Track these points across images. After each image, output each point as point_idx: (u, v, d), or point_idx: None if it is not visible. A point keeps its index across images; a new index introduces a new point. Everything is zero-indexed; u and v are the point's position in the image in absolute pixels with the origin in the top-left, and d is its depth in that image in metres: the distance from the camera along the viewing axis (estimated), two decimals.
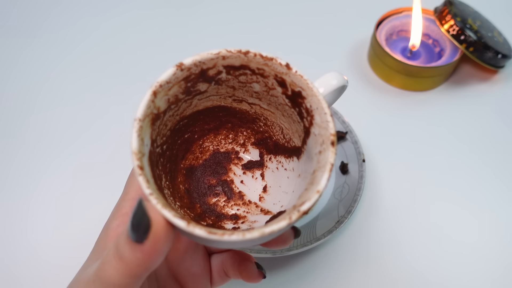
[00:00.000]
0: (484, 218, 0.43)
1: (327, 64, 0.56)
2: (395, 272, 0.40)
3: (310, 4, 0.63)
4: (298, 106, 0.24)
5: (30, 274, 0.39)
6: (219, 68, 0.23)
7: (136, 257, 0.19)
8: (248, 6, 0.62)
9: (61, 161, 0.46)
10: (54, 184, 0.45)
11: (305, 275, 0.40)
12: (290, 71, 0.23)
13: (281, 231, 0.19)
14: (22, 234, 0.41)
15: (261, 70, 0.24)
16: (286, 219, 0.19)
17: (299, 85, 0.23)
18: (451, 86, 0.54)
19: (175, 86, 0.23)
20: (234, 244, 0.20)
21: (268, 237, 0.19)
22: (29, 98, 0.51)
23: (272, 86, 0.24)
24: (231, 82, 0.25)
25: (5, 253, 0.40)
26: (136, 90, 0.52)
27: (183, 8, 0.62)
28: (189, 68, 0.23)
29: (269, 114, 0.27)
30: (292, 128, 0.26)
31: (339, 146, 0.46)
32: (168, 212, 0.19)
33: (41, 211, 0.43)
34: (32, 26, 0.59)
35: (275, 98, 0.25)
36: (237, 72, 0.24)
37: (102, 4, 0.62)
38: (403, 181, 0.46)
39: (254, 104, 0.26)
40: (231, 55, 0.23)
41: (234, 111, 0.27)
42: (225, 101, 0.26)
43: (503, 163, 0.47)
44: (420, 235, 0.42)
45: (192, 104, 0.25)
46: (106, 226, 0.24)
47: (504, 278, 0.40)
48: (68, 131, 0.49)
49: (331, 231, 0.39)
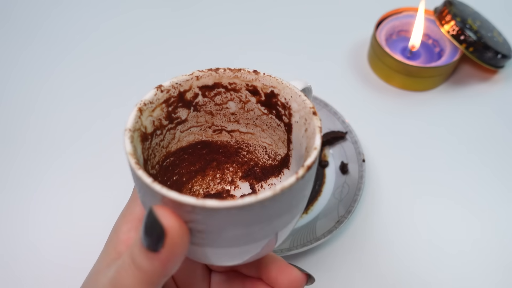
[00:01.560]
0: (484, 218, 0.43)
1: (327, 64, 0.56)
2: (395, 272, 0.40)
3: (310, 5, 0.63)
4: (273, 107, 0.26)
5: (31, 273, 0.39)
6: (195, 90, 0.25)
7: (154, 265, 0.19)
8: (248, 8, 0.63)
9: (62, 161, 0.46)
10: (55, 184, 0.45)
11: None
12: (258, 75, 0.25)
13: (292, 187, 0.19)
14: (23, 234, 0.41)
15: (232, 84, 0.26)
16: (294, 175, 0.19)
17: (270, 85, 0.25)
18: (451, 86, 0.54)
19: (157, 108, 0.24)
20: (248, 212, 0.19)
21: (281, 196, 0.19)
22: (29, 99, 0.51)
23: (246, 99, 0.26)
24: (208, 107, 0.27)
25: (6, 252, 0.40)
26: (136, 91, 0.52)
27: (182, 9, 0.62)
28: (168, 90, 0.24)
29: (250, 138, 0.28)
30: (274, 140, 0.27)
31: (339, 146, 0.46)
32: (175, 193, 0.18)
33: (43, 211, 0.43)
34: (33, 26, 0.59)
35: (252, 113, 0.27)
36: (212, 93, 0.26)
37: (103, 4, 0.62)
38: (403, 181, 0.46)
39: (233, 131, 0.28)
40: (203, 74, 0.25)
41: (216, 145, 0.29)
42: (206, 134, 0.28)
43: (502, 163, 0.47)
44: (420, 235, 0.42)
45: (176, 137, 0.27)
46: (115, 229, 0.24)
47: (504, 278, 0.40)
48: (69, 131, 0.49)
49: (331, 231, 0.39)
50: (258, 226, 0.20)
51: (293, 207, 0.21)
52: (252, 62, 0.56)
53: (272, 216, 0.20)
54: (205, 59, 0.56)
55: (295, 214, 0.22)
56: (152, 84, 0.25)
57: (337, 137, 0.46)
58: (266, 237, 0.21)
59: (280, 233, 0.22)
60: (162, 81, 0.25)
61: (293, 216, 0.22)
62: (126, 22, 0.60)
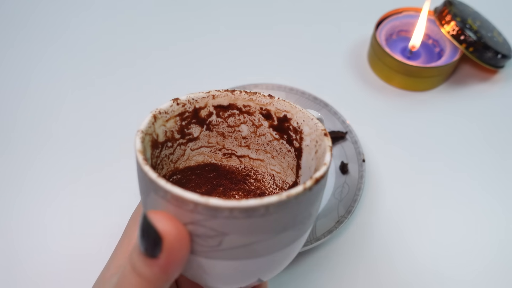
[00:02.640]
0: (485, 217, 0.43)
1: (327, 64, 0.56)
2: (395, 272, 0.40)
3: (310, 5, 0.63)
4: (285, 132, 0.26)
5: (31, 278, 0.39)
6: (210, 108, 0.26)
7: (154, 272, 0.18)
8: (250, 9, 0.63)
9: (69, 164, 0.46)
10: (60, 188, 0.45)
11: (305, 275, 0.40)
12: (273, 99, 0.26)
13: (298, 196, 0.19)
14: (31, 237, 0.41)
15: (247, 107, 0.26)
16: (302, 185, 0.19)
17: (283, 110, 0.25)
18: (451, 86, 0.54)
19: (171, 119, 0.25)
20: (251, 216, 0.18)
21: (287, 201, 0.19)
22: (29, 100, 0.51)
23: (259, 122, 0.27)
24: (221, 127, 0.27)
25: (6, 256, 0.40)
26: (145, 98, 0.52)
27: (189, 11, 0.62)
28: (184, 104, 0.25)
29: (259, 165, 0.28)
30: (283, 167, 0.28)
31: (339, 146, 0.46)
32: (178, 188, 0.18)
33: (49, 215, 0.43)
34: (38, 27, 0.59)
35: (263, 138, 0.27)
36: (226, 114, 0.26)
37: (114, 7, 0.62)
38: (403, 180, 0.46)
39: (243, 157, 0.28)
40: (220, 94, 0.26)
41: (225, 170, 0.29)
42: (215, 157, 0.28)
43: (503, 163, 0.47)
44: (420, 235, 0.42)
45: (186, 154, 0.27)
46: (126, 232, 0.23)
47: (505, 278, 0.40)
48: (76, 134, 0.49)
49: (331, 231, 0.39)
50: (261, 237, 0.19)
51: (298, 223, 0.20)
52: (253, 62, 0.56)
53: (275, 227, 0.19)
54: (208, 61, 0.56)
55: (299, 233, 0.21)
56: (161, 89, 0.26)
57: (337, 137, 0.46)
58: (267, 254, 0.20)
59: (281, 254, 0.21)
60: (169, 87, 0.25)
61: (297, 235, 0.21)
62: (132, 26, 0.60)
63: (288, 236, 0.21)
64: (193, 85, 0.52)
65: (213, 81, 0.53)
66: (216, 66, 0.55)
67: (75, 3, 0.62)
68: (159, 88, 0.51)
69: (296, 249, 0.22)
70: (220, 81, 0.52)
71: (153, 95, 0.50)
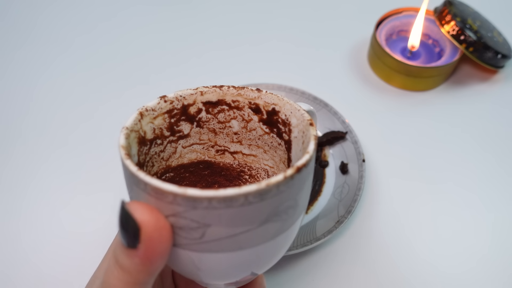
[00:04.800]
0: (485, 217, 0.43)
1: (327, 64, 0.56)
2: (395, 272, 0.40)
3: (310, 5, 0.63)
4: (275, 125, 0.26)
5: (28, 281, 0.39)
6: (198, 105, 0.26)
7: (135, 263, 0.18)
8: (249, 9, 0.63)
9: (60, 165, 0.46)
10: (53, 189, 0.45)
11: (305, 275, 0.40)
12: (261, 93, 0.26)
13: (279, 185, 0.19)
14: (21, 239, 0.41)
15: (236, 102, 0.26)
16: (282, 174, 0.19)
17: (271, 102, 0.25)
18: (451, 86, 0.54)
19: (159, 117, 0.25)
20: (230, 206, 0.18)
21: (266, 190, 0.18)
22: (28, 100, 0.51)
23: (248, 117, 0.27)
24: (211, 124, 0.27)
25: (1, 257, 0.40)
26: (139, 94, 0.52)
27: (184, 10, 0.62)
28: (172, 101, 0.25)
29: (252, 160, 0.28)
30: (276, 162, 0.27)
31: (339, 146, 0.46)
32: (157, 180, 0.18)
33: (42, 215, 0.43)
34: (36, 27, 0.59)
35: (254, 132, 0.27)
36: (216, 110, 0.26)
37: (108, 6, 0.62)
38: (403, 180, 0.46)
39: (236, 153, 0.28)
40: (208, 90, 0.26)
41: (219, 167, 0.29)
42: (208, 154, 0.28)
43: (502, 163, 0.47)
44: (421, 235, 0.42)
45: (177, 152, 0.27)
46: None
47: (505, 278, 0.40)
48: (73, 133, 0.49)
49: (331, 231, 0.39)
50: (242, 228, 0.19)
51: (281, 213, 0.20)
52: (253, 62, 0.56)
53: (257, 217, 0.19)
54: (206, 61, 0.56)
55: (284, 224, 0.21)
56: (155, 87, 0.26)
57: (337, 137, 0.46)
58: (253, 246, 0.20)
59: (268, 246, 0.21)
60: (163, 84, 0.25)
61: (282, 226, 0.21)
62: (128, 24, 0.60)
63: (273, 227, 0.20)
64: (192, 84, 0.52)
65: (213, 81, 0.53)
66: (217, 66, 0.55)
67: (71, 4, 0.62)
68: (157, 88, 0.51)
69: (284, 242, 0.22)
70: (220, 82, 0.52)
71: (150, 94, 0.50)
